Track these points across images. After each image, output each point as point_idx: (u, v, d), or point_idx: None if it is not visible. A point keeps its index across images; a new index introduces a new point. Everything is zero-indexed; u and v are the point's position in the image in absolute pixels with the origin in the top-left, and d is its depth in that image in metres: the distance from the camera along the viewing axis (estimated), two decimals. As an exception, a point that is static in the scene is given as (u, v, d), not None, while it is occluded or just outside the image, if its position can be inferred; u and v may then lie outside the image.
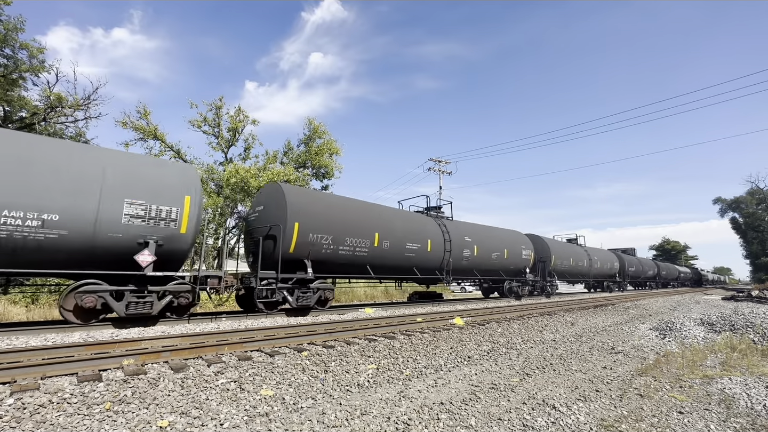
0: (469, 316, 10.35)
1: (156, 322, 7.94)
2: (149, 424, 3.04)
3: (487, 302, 16.83)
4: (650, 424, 3.42)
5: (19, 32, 15.23)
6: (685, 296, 26.07)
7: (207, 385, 4.00)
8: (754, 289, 27.20)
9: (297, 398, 3.81)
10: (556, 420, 3.44)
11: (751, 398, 4.17)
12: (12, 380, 3.82)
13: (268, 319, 9.22)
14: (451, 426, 3.27)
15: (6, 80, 15.44)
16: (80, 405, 3.33)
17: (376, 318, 9.68)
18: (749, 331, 8.44)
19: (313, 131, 23.66)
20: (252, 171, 19.03)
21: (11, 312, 11.40)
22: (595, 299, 19.92)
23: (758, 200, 61.22)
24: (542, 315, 11.75)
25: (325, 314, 10.42)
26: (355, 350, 5.92)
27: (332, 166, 23.54)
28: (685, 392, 4.39)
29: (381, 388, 4.26)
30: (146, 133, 20.07)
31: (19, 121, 16.52)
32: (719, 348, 6.93)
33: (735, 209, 65.48)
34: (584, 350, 6.73)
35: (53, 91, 16.48)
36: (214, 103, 21.89)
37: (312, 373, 4.66)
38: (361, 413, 3.47)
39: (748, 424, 3.51)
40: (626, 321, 11.27)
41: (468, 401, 3.89)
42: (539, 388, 4.40)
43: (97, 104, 17.71)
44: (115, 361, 4.61)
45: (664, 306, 16.79)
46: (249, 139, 23.03)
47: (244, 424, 3.14)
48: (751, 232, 62.59)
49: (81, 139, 17.64)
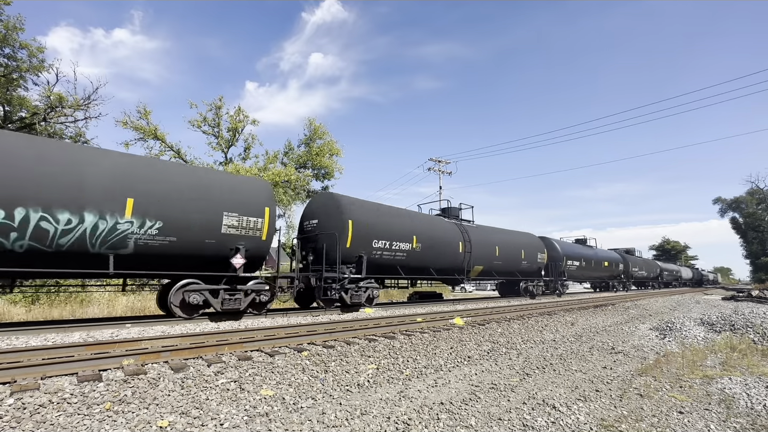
0: (469, 316, 10.35)
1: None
2: (149, 424, 3.04)
3: (487, 302, 16.87)
4: (650, 424, 3.42)
5: (19, 32, 15.24)
6: (685, 296, 26.07)
7: (207, 385, 4.00)
8: (754, 289, 27.19)
9: (297, 398, 3.81)
10: (556, 420, 3.44)
11: (751, 398, 4.17)
12: (12, 380, 3.82)
13: (268, 319, 9.23)
14: (451, 426, 3.27)
15: (6, 80, 15.44)
16: (80, 405, 3.33)
17: (376, 318, 9.68)
18: (749, 331, 8.44)
19: (314, 132, 23.67)
20: (252, 171, 19.04)
21: (11, 312, 11.41)
22: (596, 299, 20.13)
23: (758, 200, 61.19)
24: (542, 315, 11.75)
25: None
26: (355, 350, 5.92)
27: (333, 166, 23.55)
28: (685, 392, 4.39)
29: (381, 388, 4.26)
30: (146, 133, 20.06)
31: (19, 121, 16.52)
32: (719, 348, 6.93)
33: (735, 209, 65.45)
34: (584, 350, 6.73)
35: (53, 91, 16.49)
36: (213, 103, 21.88)
37: (312, 373, 4.66)
38: (361, 413, 3.47)
39: (748, 424, 3.51)
40: (626, 321, 11.27)
41: (468, 401, 3.89)
42: (539, 388, 4.40)
43: (97, 104, 17.71)
44: (115, 361, 4.61)
45: (664, 306, 16.79)
46: (249, 139, 23.02)
47: (244, 424, 3.14)
48: (751, 232, 62.56)
49: (81, 139, 17.64)
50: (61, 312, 12.17)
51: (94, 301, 13.36)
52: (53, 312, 12.12)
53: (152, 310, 13.28)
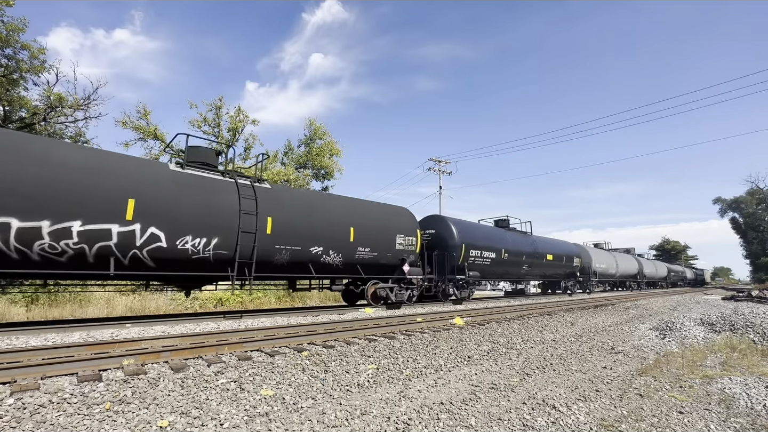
0: (469, 316, 10.35)
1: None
2: (149, 424, 3.04)
3: (486, 302, 16.93)
4: (650, 424, 3.42)
5: (20, 33, 15.25)
6: (685, 296, 26.07)
7: (207, 385, 4.00)
8: (754, 289, 27.19)
9: (297, 398, 3.81)
10: (556, 420, 3.44)
11: (751, 398, 4.17)
12: (12, 380, 3.82)
13: (267, 319, 9.23)
14: (451, 426, 3.27)
15: (6, 80, 15.44)
16: (80, 405, 3.32)
17: (376, 318, 9.68)
18: (749, 331, 8.44)
19: (314, 132, 23.67)
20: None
21: (11, 312, 11.40)
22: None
23: (758, 200, 61.18)
24: (542, 315, 11.74)
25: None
26: (355, 350, 5.92)
27: (333, 167, 23.56)
28: (685, 392, 4.39)
29: (381, 388, 4.26)
30: (146, 133, 20.07)
31: (19, 120, 16.52)
32: (719, 348, 6.93)
33: (735, 209, 65.45)
34: (584, 350, 6.73)
35: (53, 91, 16.49)
36: (213, 103, 21.90)
37: (312, 373, 4.66)
38: (361, 413, 3.47)
39: (748, 424, 3.51)
40: (626, 321, 11.27)
41: (468, 401, 3.89)
42: (539, 388, 4.40)
43: (97, 104, 17.72)
44: (115, 361, 4.60)
45: (664, 306, 16.79)
46: (249, 139, 23.04)
47: (244, 424, 3.14)
48: (751, 232, 62.57)
49: (80, 139, 17.64)
50: (61, 312, 12.17)
51: (94, 301, 13.35)
52: (53, 312, 12.12)
53: (152, 310, 13.30)
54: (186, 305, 14.44)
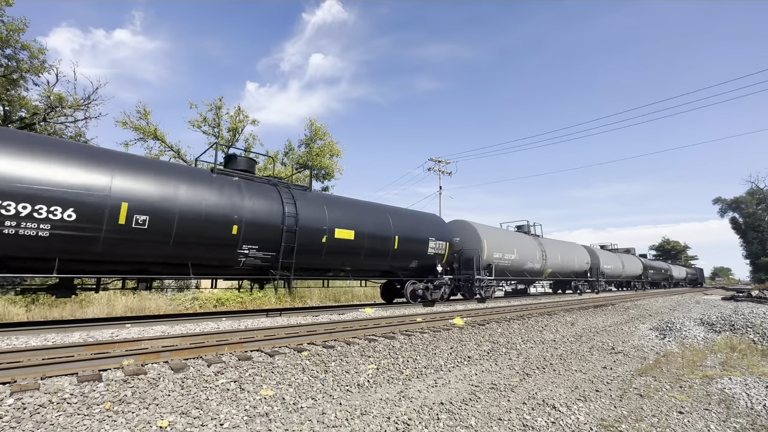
0: (469, 316, 10.34)
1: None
2: (149, 424, 3.04)
3: (486, 302, 16.90)
4: (650, 424, 3.42)
5: (21, 33, 15.26)
6: (685, 296, 26.06)
7: (207, 385, 4.00)
8: (754, 289, 27.20)
9: (297, 398, 3.81)
10: (556, 420, 3.45)
11: (751, 398, 4.17)
12: (12, 380, 3.82)
13: (268, 319, 9.23)
14: (451, 426, 3.27)
15: (6, 80, 15.44)
16: (80, 405, 3.32)
17: (376, 318, 9.68)
18: (749, 331, 8.44)
19: (314, 132, 23.68)
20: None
21: (11, 312, 11.40)
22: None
23: (758, 200, 61.19)
24: (542, 315, 11.74)
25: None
26: (355, 350, 5.92)
27: (333, 167, 23.56)
28: (685, 392, 4.39)
29: (381, 388, 4.26)
30: (146, 133, 20.06)
31: (19, 120, 16.52)
32: (719, 348, 6.93)
33: (735, 209, 65.44)
34: (584, 350, 6.73)
35: (53, 91, 16.49)
36: (213, 103, 21.89)
37: (312, 373, 4.66)
38: (361, 413, 3.47)
39: (748, 424, 3.51)
40: (626, 321, 11.27)
41: (468, 401, 3.89)
42: (539, 388, 4.40)
43: (97, 104, 17.73)
44: (115, 361, 4.60)
45: (663, 306, 16.79)
46: (249, 140, 23.03)
47: (244, 424, 3.14)
48: (751, 232, 62.55)
49: (80, 139, 17.64)
50: (61, 312, 12.17)
51: (94, 301, 13.35)
52: (53, 312, 12.12)
53: (152, 310, 13.30)
54: (186, 305, 14.45)
